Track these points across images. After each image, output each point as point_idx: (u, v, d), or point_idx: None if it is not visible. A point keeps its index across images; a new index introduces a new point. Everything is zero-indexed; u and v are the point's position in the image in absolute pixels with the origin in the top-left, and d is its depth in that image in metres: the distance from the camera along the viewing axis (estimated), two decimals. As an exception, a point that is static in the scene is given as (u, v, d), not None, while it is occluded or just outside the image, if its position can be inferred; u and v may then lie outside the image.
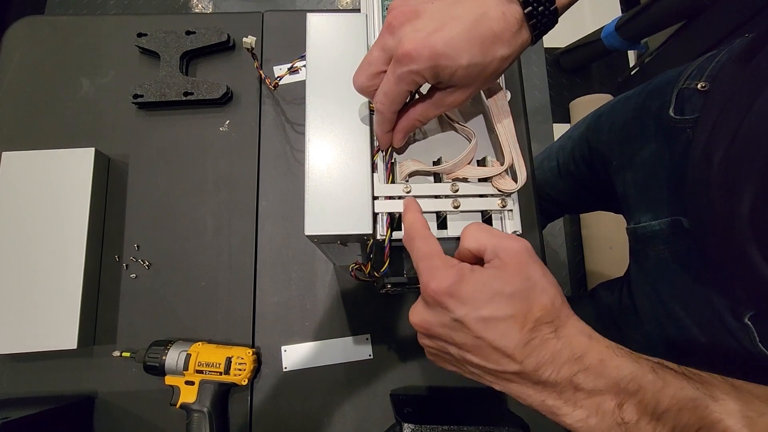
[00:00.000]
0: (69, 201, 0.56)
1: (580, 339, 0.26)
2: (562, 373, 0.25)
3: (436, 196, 0.34)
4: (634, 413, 0.24)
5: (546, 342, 0.25)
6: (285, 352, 0.56)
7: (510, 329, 0.26)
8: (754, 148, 0.35)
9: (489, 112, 0.36)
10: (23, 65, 0.65)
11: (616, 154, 0.59)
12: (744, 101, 0.36)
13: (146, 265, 0.58)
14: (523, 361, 0.25)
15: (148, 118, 0.63)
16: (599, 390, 0.25)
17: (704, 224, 0.42)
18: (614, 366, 0.25)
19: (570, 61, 1.53)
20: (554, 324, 0.26)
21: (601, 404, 0.25)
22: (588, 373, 0.25)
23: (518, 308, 0.26)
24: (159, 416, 0.53)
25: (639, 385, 0.24)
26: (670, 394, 0.24)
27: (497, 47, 0.29)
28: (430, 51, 0.27)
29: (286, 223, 0.60)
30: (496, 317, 0.26)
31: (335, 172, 0.33)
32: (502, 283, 0.26)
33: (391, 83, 0.29)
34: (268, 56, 0.66)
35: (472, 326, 0.26)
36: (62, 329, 0.52)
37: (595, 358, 0.25)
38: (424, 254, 0.28)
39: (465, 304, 0.26)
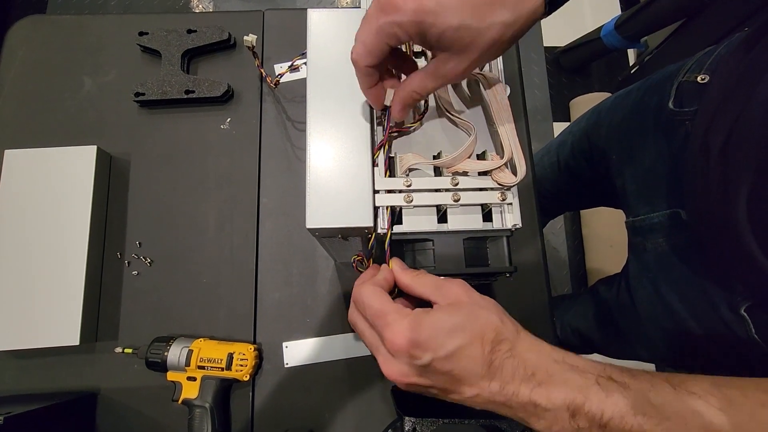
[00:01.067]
0: (71, 198, 0.56)
1: (529, 356, 0.28)
2: (522, 392, 0.27)
3: (436, 189, 0.35)
4: (585, 421, 0.26)
5: (505, 362, 0.28)
6: (286, 349, 0.56)
7: (473, 355, 0.27)
8: (751, 139, 0.35)
9: (488, 106, 0.36)
10: (26, 64, 0.65)
11: (616, 148, 0.59)
12: (742, 93, 0.37)
13: (148, 262, 0.58)
14: (491, 382, 0.27)
15: (149, 116, 0.63)
16: (554, 405, 0.27)
17: (702, 215, 0.42)
18: (562, 381, 0.27)
19: (570, 60, 1.53)
20: (509, 341, 0.28)
21: (557, 416, 0.27)
22: (541, 390, 0.27)
23: (474, 334, 0.28)
24: (161, 412, 0.53)
25: (585, 397, 0.26)
26: (612, 403, 0.26)
27: (496, 11, 0.27)
28: (417, 4, 0.26)
29: (288, 220, 0.60)
30: (457, 349, 0.28)
31: (336, 166, 0.34)
32: (453, 318, 0.28)
33: (370, 32, 0.28)
34: (268, 54, 0.66)
35: (440, 366, 0.28)
36: (64, 326, 0.52)
37: (545, 375, 0.27)
38: (377, 312, 0.30)
39: (428, 349, 0.28)
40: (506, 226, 0.35)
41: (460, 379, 0.28)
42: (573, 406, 0.26)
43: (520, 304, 0.57)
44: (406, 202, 0.34)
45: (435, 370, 0.28)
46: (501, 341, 0.28)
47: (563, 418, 0.27)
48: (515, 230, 0.35)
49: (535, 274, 0.58)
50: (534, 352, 0.28)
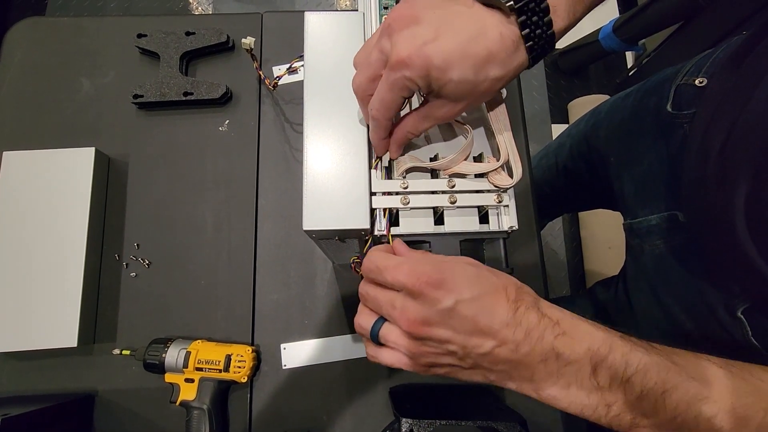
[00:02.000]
0: (69, 200, 0.56)
1: (552, 310, 0.28)
2: (546, 338, 0.26)
3: (432, 191, 0.35)
4: (607, 378, 0.26)
5: (529, 311, 0.27)
6: (284, 350, 0.56)
7: (498, 303, 0.27)
8: (750, 142, 0.35)
9: (485, 109, 0.36)
10: (24, 66, 0.65)
11: (614, 150, 0.60)
12: (740, 96, 0.37)
13: (146, 264, 0.58)
14: (515, 330, 0.26)
15: (148, 117, 0.64)
16: (577, 356, 0.26)
17: (700, 218, 0.42)
18: (586, 331, 0.27)
19: (568, 62, 1.54)
20: (532, 297, 0.28)
21: (578, 371, 0.26)
22: (566, 338, 0.26)
23: (498, 286, 0.28)
24: (159, 414, 0.53)
25: (610, 347, 0.26)
26: (638, 357, 0.26)
27: (491, 67, 0.29)
28: (423, 60, 0.28)
29: (286, 222, 0.60)
30: (482, 295, 0.27)
31: (333, 168, 0.34)
32: (476, 269, 0.28)
33: (385, 90, 0.30)
34: (267, 57, 0.67)
35: (465, 310, 0.27)
36: (62, 327, 0.52)
37: (569, 324, 0.27)
38: (397, 263, 0.29)
39: (452, 290, 0.27)
40: (503, 228, 0.35)
41: (484, 327, 0.27)
42: (596, 357, 0.26)
43: None
44: (403, 204, 0.34)
45: (459, 315, 0.27)
46: (525, 295, 0.28)
47: (584, 374, 0.26)
48: (512, 232, 0.35)
49: (533, 275, 0.59)
50: (557, 309, 0.28)
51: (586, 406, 0.26)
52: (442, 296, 0.27)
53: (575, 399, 0.26)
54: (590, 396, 0.26)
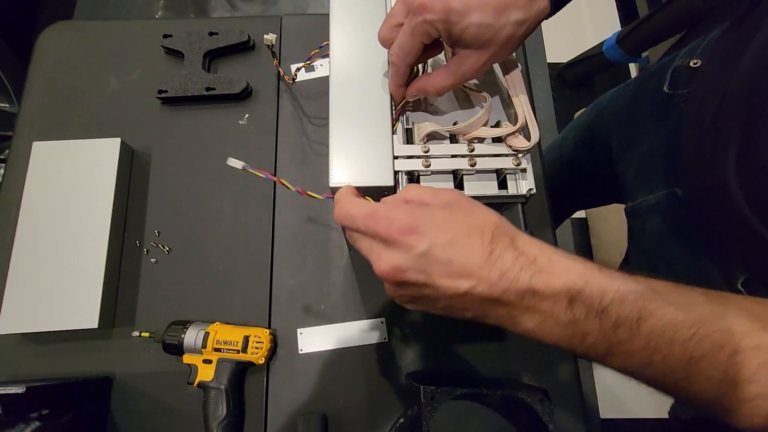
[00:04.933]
0: (94, 188, 0.58)
1: (530, 247, 0.27)
2: (522, 277, 0.26)
3: (452, 155, 0.36)
4: (583, 310, 0.26)
5: (505, 251, 0.27)
6: (301, 335, 0.56)
7: (472, 245, 0.27)
8: (736, 109, 0.37)
9: (502, 78, 0.38)
10: (55, 65, 0.68)
11: (615, 135, 0.61)
12: (727, 70, 0.39)
13: (166, 251, 0.59)
14: (490, 271, 0.26)
15: (171, 112, 0.66)
16: (553, 291, 0.26)
17: (697, 188, 0.43)
18: (564, 266, 0.26)
19: (573, 74, 1.57)
20: (508, 236, 0.27)
21: (554, 305, 0.26)
22: (542, 274, 0.26)
23: (473, 226, 0.27)
24: (176, 396, 0.53)
25: (587, 279, 0.26)
26: (614, 288, 0.26)
27: (511, 11, 0.31)
28: (443, 4, 0.29)
29: (303, 210, 0.61)
30: (456, 238, 0.27)
31: (358, 131, 0.35)
32: (451, 212, 0.28)
33: (406, 34, 0.31)
34: (285, 56, 0.69)
35: (438, 253, 0.26)
36: (84, 309, 0.53)
37: (546, 260, 0.27)
38: (368, 211, 0.29)
39: (425, 235, 0.27)
40: (521, 192, 0.36)
41: (458, 270, 0.26)
42: (573, 290, 0.26)
43: None
44: (424, 167, 0.35)
45: (433, 260, 0.27)
46: (501, 234, 0.27)
47: (560, 308, 0.26)
48: (530, 196, 0.36)
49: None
50: (535, 245, 0.28)
51: (561, 337, 0.27)
52: (415, 242, 0.27)
53: (551, 331, 0.27)
54: (566, 328, 0.26)
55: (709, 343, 0.24)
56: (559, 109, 1.57)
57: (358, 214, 0.29)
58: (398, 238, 0.27)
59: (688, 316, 0.25)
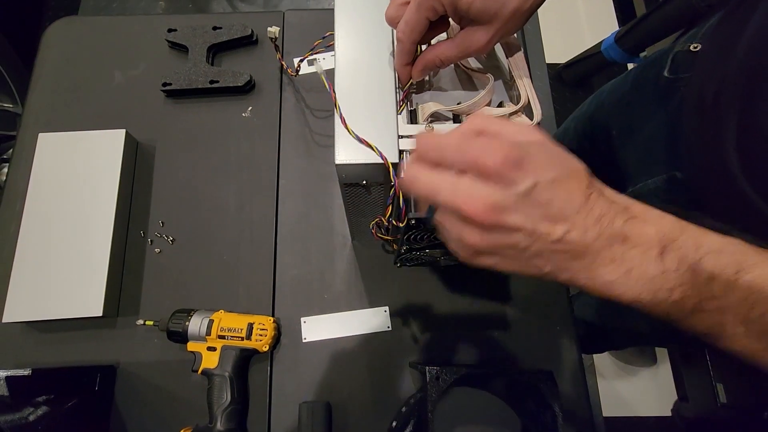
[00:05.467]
0: (99, 179, 0.59)
1: (621, 197, 0.26)
2: (616, 222, 0.24)
3: (456, 135, 0.37)
4: (675, 260, 0.24)
5: (600, 197, 0.25)
6: (304, 324, 0.56)
7: (572, 188, 0.25)
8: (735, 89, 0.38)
9: (504, 60, 0.38)
10: (61, 59, 0.69)
11: (616, 123, 0.62)
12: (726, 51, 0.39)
13: (170, 241, 0.60)
14: (586, 217, 0.24)
15: (175, 105, 0.67)
16: (646, 238, 0.24)
17: (697, 168, 0.44)
18: (657, 214, 0.25)
19: (572, 74, 1.58)
20: (599, 185, 0.26)
21: (644, 254, 0.24)
22: (636, 221, 0.25)
23: (576, 168, 0.25)
24: (180, 385, 0.53)
25: (681, 229, 0.24)
26: (711, 239, 0.24)
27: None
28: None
29: (306, 200, 0.62)
30: (560, 178, 0.24)
31: (362, 111, 0.36)
32: (550, 151, 0.26)
33: (411, 10, 0.32)
34: (288, 50, 0.70)
35: (541, 193, 0.24)
36: (89, 297, 0.53)
37: (640, 209, 0.25)
38: (462, 136, 0.25)
39: (531, 171, 0.24)
40: (524, 171, 0.37)
41: (557, 213, 0.24)
42: (666, 239, 0.24)
43: (540, 303, 0.57)
44: (428, 147, 0.36)
45: (535, 199, 0.24)
46: (595, 181, 0.26)
47: (649, 258, 0.24)
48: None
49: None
50: (624, 196, 0.26)
51: (645, 291, 0.24)
52: (522, 177, 0.24)
53: (635, 285, 0.24)
54: (652, 281, 0.24)
55: None
56: (559, 109, 1.58)
57: (449, 141, 0.26)
58: (502, 171, 0.24)
59: None
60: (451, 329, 0.57)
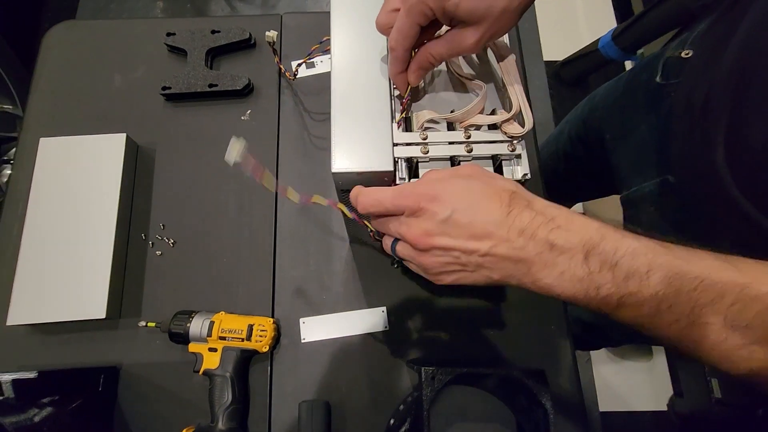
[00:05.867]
0: (101, 182, 0.60)
1: (549, 209, 0.30)
2: (540, 234, 0.28)
3: (450, 142, 0.37)
4: (597, 263, 0.27)
5: (523, 212, 0.29)
6: (303, 324, 0.57)
7: (491, 208, 0.29)
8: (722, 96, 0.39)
9: (496, 67, 0.39)
10: (61, 63, 0.70)
11: (609, 127, 0.63)
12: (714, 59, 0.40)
13: (171, 243, 0.61)
14: (509, 231, 0.28)
15: (174, 108, 0.67)
16: (571, 245, 0.28)
17: (688, 172, 0.45)
18: (581, 223, 0.28)
19: (569, 72, 1.59)
20: (526, 199, 0.30)
21: (571, 259, 0.28)
22: (560, 231, 0.28)
23: (491, 192, 0.30)
24: (182, 385, 0.55)
25: (602, 235, 0.28)
26: (627, 243, 0.28)
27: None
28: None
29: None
30: (476, 202, 0.29)
31: (359, 120, 0.37)
32: (470, 181, 0.31)
33: (402, 17, 0.33)
34: (286, 53, 0.71)
35: (460, 218, 0.29)
36: (92, 300, 0.54)
37: (564, 219, 0.29)
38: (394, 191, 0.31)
39: (447, 202, 0.29)
40: (516, 177, 0.38)
41: (480, 230, 0.29)
42: (589, 244, 0.27)
43: (534, 302, 0.58)
44: (423, 154, 0.37)
45: (456, 224, 0.29)
46: (518, 198, 0.30)
47: (576, 261, 0.28)
48: (526, 181, 0.38)
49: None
50: (553, 207, 0.30)
51: (578, 290, 0.28)
52: (439, 208, 0.29)
53: (568, 285, 0.28)
54: (582, 281, 0.28)
55: (711, 293, 0.26)
56: (556, 107, 1.59)
57: (385, 196, 0.32)
58: (424, 206, 0.30)
59: (694, 268, 0.26)
60: (447, 328, 0.58)
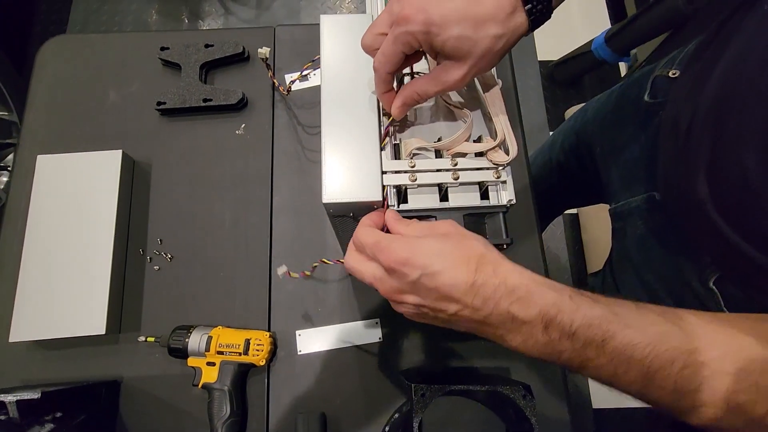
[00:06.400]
0: (98, 199, 0.61)
1: (512, 275, 0.31)
2: (501, 306, 0.30)
3: (437, 169, 0.39)
4: (556, 333, 0.30)
5: (488, 281, 0.30)
6: (299, 337, 0.59)
7: (458, 274, 0.30)
8: (706, 122, 0.40)
9: (482, 96, 0.40)
10: (56, 78, 0.70)
11: (599, 141, 0.64)
12: (700, 83, 0.41)
13: (168, 258, 0.62)
14: (473, 299, 0.30)
15: (170, 123, 0.68)
16: (530, 317, 0.30)
17: (673, 192, 0.46)
18: (539, 295, 0.30)
19: (563, 73, 1.59)
20: (492, 265, 0.31)
21: (532, 328, 0.30)
22: (520, 303, 0.30)
23: (460, 257, 0.31)
24: (181, 398, 0.56)
25: (558, 309, 0.30)
26: (582, 314, 0.29)
27: (489, 25, 0.33)
28: (425, 17, 0.32)
29: (299, 217, 0.64)
30: (444, 268, 0.30)
31: (348, 150, 0.38)
32: (441, 243, 0.32)
33: (388, 43, 0.34)
34: (279, 66, 0.72)
35: (428, 282, 0.31)
36: (92, 316, 0.56)
37: (524, 291, 0.30)
38: (374, 241, 0.33)
39: (417, 266, 0.31)
40: (502, 203, 0.39)
41: (446, 295, 0.31)
42: (547, 317, 0.29)
43: None
44: (411, 181, 0.38)
45: (423, 286, 0.31)
46: (485, 264, 0.31)
47: (537, 331, 0.30)
48: (511, 206, 0.39)
49: (535, 271, 0.61)
50: (516, 273, 0.31)
51: (542, 354, 0.31)
52: (409, 271, 0.31)
53: (533, 349, 0.31)
54: (545, 347, 0.30)
55: (662, 360, 0.28)
56: (550, 107, 1.60)
57: (366, 243, 0.34)
58: (395, 268, 0.31)
59: (645, 336, 0.29)
60: (438, 339, 0.59)
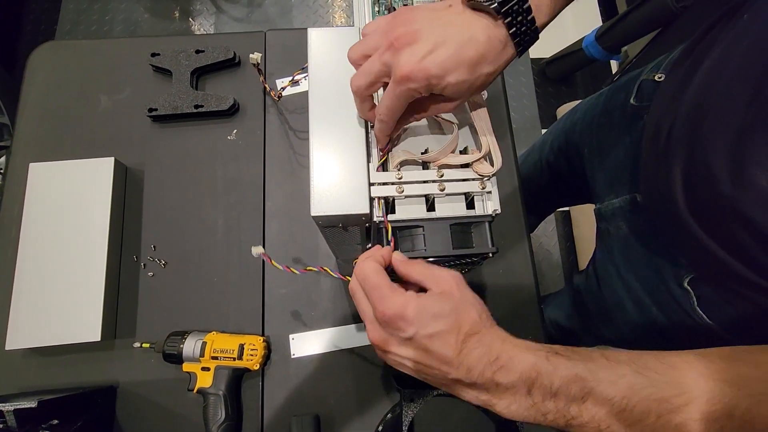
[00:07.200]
0: (91, 206, 0.61)
1: (496, 344, 0.32)
2: (486, 374, 0.31)
3: (424, 181, 0.40)
4: (539, 395, 0.31)
5: (472, 350, 0.32)
6: (293, 341, 0.60)
7: (448, 341, 0.32)
8: (685, 127, 0.41)
9: (468, 108, 0.41)
10: (46, 85, 0.70)
11: (587, 143, 0.65)
12: (682, 88, 0.43)
13: (162, 264, 0.62)
14: (459, 367, 0.31)
15: (161, 129, 0.69)
16: (513, 383, 0.31)
17: (652, 194, 0.47)
18: (519, 361, 0.31)
19: (555, 70, 1.60)
20: (479, 334, 0.32)
21: (516, 393, 0.31)
22: (503, 371, 0.31)
23: (454, 323, 0.32)
24: (176, 403, 0.57)
25: (537, 372, 0.31)
26: (560, 375, 0.31)
27: (483, 66, 0.34)
28: (424, 73, 0.33)
29: (292, 221, 0.65)
30: (437, 332, 0.32)
31: (336, 163, 0.39)
32: (439, 306, 0.32)
33: (392, 99, 0.35)
34: (270, 71, 0.72)
35: (420, 342, 0.32)
36: (87, 323, 0.56)
37: (506, 358, 0.31)
38: (374, 285, 0.33)
39: (412, 324, 0.32)
40: (487, 212, 0.40)
41: (435, 357, 0.32)
42: (528, 382, 0.31)
43: (510, 303, 0.61)
44: (398, 193, 0.39)
45: (414, 344, 0.32)
46: (474, 333, 0.32)
47: (521, 395, 0.31)
48: (497, 216, 0.40)
49: (524, 274, 0.63)
50: (500, 340, 0.33)
51: (529, 416, 0.32)
52: (404, 327, 0.32)
53: (518, 413, 0.32)
54: (530, 409, 0.31)
55: (638, 412, 0.30)
56: (542, 104, 1.61)
57: (370, 280, 0.34)
58: (389, 321, 0.32)
59: (618, 390, 0.30)
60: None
